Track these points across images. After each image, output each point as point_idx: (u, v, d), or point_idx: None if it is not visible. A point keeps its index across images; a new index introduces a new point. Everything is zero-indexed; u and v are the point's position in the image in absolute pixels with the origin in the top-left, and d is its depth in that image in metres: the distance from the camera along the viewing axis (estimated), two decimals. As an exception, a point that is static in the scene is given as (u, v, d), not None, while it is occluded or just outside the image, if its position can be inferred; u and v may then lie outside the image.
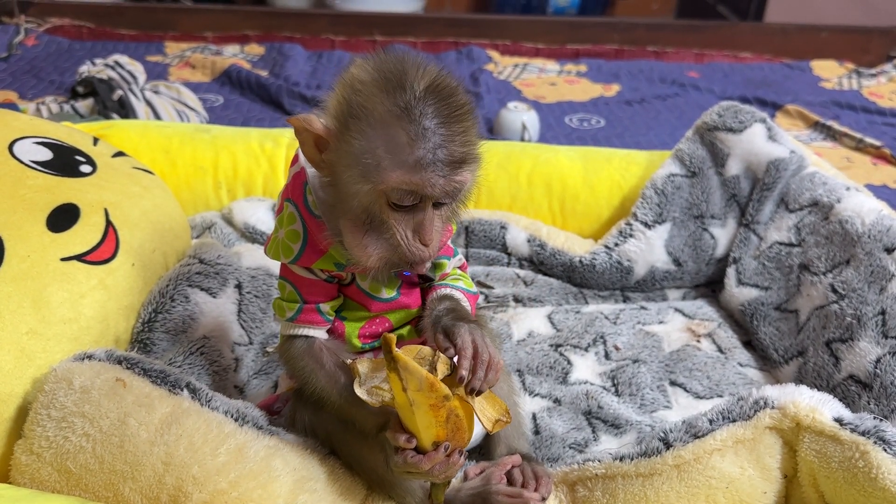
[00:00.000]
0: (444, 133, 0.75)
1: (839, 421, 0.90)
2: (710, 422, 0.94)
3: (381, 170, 0.75)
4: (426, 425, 0.79)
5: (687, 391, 1.25)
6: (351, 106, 0.77)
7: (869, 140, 2.27)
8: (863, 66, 2.91)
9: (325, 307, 0.92)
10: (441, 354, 0.81)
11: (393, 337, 0.76)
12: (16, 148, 1.17)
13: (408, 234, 0.79)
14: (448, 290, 0.95)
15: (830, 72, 2.88)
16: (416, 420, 0.79)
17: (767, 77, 2.83)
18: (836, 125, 2.37)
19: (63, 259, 1.06)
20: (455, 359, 0.82)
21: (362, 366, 0.82)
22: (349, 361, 0.86)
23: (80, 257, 1.08)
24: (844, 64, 2.94)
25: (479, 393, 0.81)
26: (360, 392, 0.81)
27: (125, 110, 2.05)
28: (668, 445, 0.94)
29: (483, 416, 0.81)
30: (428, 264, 0.84)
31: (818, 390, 0.96)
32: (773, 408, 0.93)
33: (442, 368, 0.79)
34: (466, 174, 0.78)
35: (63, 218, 1.10)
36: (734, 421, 0.93)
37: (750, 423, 0.93)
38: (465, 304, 0.94)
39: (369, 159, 0.76)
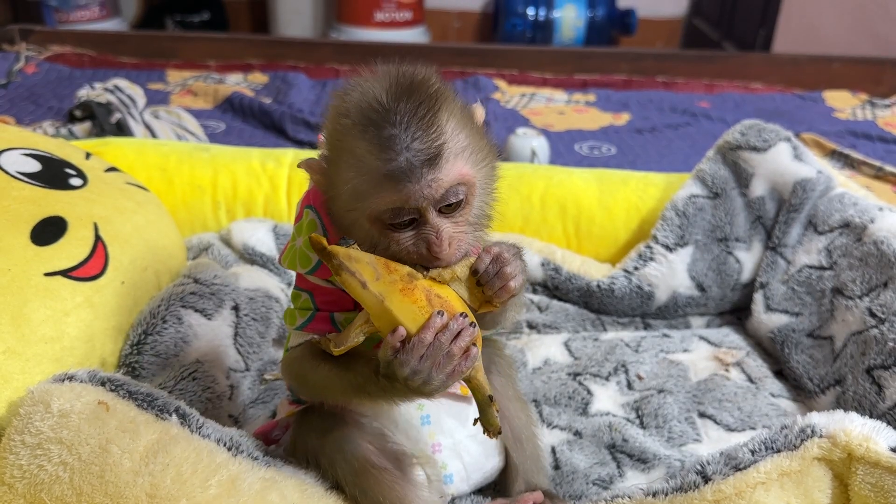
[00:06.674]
0: (410, 133, 0.68)
1: (897, 451, 0.81)
2: (752, 452, 0.85)
3: (361, 195, 0.70)
4: (408, 314, 0.70)
5: (717, 423, 1.16)
6: (328, 135, 0.74)
7: (889, 168, 2.20)
8: (876, 97, 2.86)
9: (340, 317, 0.85)
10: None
11: (319, 236, 0.71)
12: (2, 159, 1.10)
13: (420, 250, 0.73)
14: None
15: (844, 102, 2.83)
16: (396, 313, 0.70)
17: (779, 107, 2.77)
18: (853, 153, 2.30)
19: (47, 274, 0.98)
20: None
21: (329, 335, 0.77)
22: (314, 339, 0.81)
23: (65, 273, 1.00)
24: (858, 95, 2.88)
25: (480, 284, 0.74)
26: (338, 350, 0.74)
27: (123, 133, 1.99)
28: (706, 479, 0.85)
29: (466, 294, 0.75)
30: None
31: (862, 420, 0.87)
32: (821, 436, 0.84)
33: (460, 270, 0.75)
34: (452, 168, 0.70)
35: (49, 231, 1.03)
36: (778, 451, 0.84)
37: (796, 453, 0.84)
38: None
39: (349, 186, 0.70)
